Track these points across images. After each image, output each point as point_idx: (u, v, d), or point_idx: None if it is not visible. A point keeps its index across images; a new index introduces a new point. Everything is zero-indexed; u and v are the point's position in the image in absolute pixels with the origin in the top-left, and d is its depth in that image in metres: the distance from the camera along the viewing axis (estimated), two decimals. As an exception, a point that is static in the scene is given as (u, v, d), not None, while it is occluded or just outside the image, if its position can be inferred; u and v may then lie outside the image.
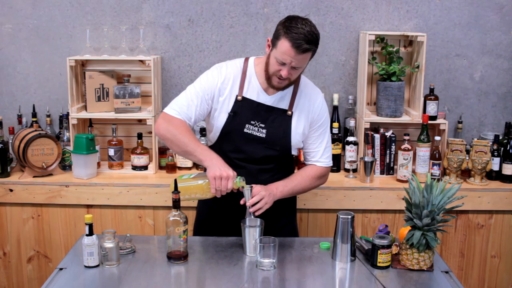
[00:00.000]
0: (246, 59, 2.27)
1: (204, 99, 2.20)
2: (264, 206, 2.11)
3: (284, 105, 2.23)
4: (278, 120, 2.22)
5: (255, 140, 2.22)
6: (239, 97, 2.20)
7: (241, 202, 2.11)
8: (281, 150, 2.25)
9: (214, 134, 2.27)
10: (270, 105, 2.22)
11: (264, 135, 2.21)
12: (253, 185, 2.12)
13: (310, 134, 2.29)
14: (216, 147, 2.28)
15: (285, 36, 2.03)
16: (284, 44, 2.04)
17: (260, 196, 2.10)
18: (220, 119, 2.22)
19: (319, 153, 2.31)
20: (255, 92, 2.21)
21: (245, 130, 2.21)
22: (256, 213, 2.10)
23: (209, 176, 2.04)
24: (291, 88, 2.23)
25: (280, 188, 2.20)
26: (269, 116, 2.21)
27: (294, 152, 2.32)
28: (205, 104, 2.21)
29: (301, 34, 2.01)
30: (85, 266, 2.01)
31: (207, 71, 2.26)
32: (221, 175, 2.02)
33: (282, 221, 2.37)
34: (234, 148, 2.24)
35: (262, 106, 2.21)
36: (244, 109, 2.20)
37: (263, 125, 2.21)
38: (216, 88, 2.21)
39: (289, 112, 2.23)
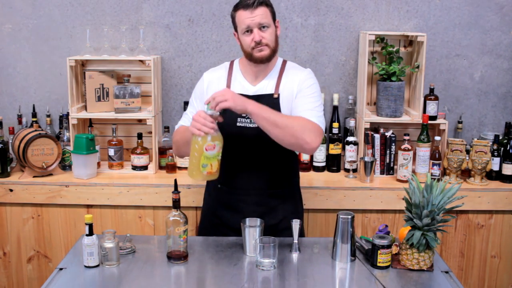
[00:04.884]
0: (232, 61, 2.34)
1: (196, 107, 2.31)
2: (220, 97, 2.01)
3: (270, 90, 2.23)
4: (267, 105, 2.16)
5: (249, 131, 2.20)
6: None
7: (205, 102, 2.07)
8: None
9: None
10: (256, 94, 2.22)
11: (256, 125, 2.18)
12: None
13: (294, 102, 2.20)
14: None
15: (235, 10, 2.17)
16: (238, 15, 2.16)
17: (224, 91, 2.04)
18: None
19: (306, 112, 2.14)
20: (240, 85, 2.25)
21: (238, 124, 2.22)
22: (211, 104, 2.02)
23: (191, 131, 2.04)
24: (276, 74, 2.24)
25: (254, 103, 2.05)
26: None
27: None
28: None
29: None
30: (85, 266, 2.01)
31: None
32: (193, 120, 2.00)
33: (287, 220, 2.34)
34: (231, 146, 2.21)
35: (248, 97, 2.19)
36: None
37: None
38: (203, 94, 2.29)
39: (275, 95, 2.21)
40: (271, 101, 2.20)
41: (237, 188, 2.26)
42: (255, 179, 2.24)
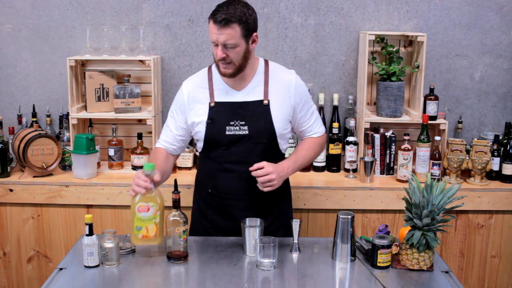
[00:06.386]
0: (210, 67, 2.29)
1: (177, 119, 2.29)
2: (273, 183, 2.11)
3: (258, 96, 2.21)
4: (257, 112, 2.20)
5: (240, 139, 2.19)
6: (212, 104, 2.21)
7: (252, 173, 2.12)
8: (268, 142, 2.21)
9: (199, 144, 2.29)
10: (243, 100, 2.20)
11: (247, 132, 2.19)
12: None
13: (297, 116, 2.29)
14: (204, 155, 2.31)
15: (209, 17, 2.08)
16: (210, 24, 2.08)
17: (266, 171, 2.10)
18: (200, 130, 2.24)
19: (312, 127, 2.36)
20: (224, 92, 2.22)
21: (227, 132, 2.20)
22: (265, 189, 2.12)
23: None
24: (261, 78, 2.22)
25: (291, 167, 2.23)
26: (247, 112, 2.20)
27: (283, 143, 2.28)
28: (181, 123, 2.28)
29: (219, 8, 2.06)
30: (85, 266, 2.01)
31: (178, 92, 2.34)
32: (134, 183, 1.99)
33: (277, 221, 2.35)
34: (221, 153, 2.23)
35: (235, 104, 2.20)
36: (219, 113, 2.20)
37: (243, 122, 2.19)
38: (184, 105, 2.26)
39: (266, 101, 2.20)
40: (261, 108, 2.20)
41: (227, 193, 2.27)
42: (244, 185, 2.23)
